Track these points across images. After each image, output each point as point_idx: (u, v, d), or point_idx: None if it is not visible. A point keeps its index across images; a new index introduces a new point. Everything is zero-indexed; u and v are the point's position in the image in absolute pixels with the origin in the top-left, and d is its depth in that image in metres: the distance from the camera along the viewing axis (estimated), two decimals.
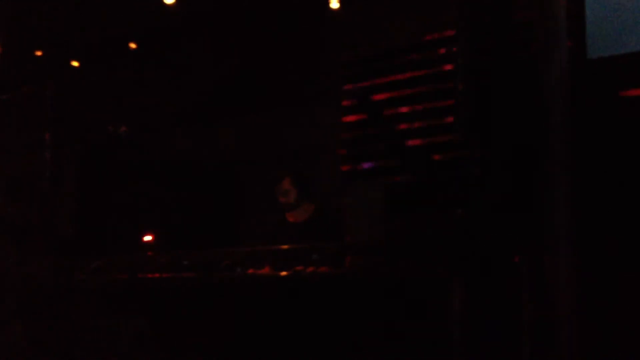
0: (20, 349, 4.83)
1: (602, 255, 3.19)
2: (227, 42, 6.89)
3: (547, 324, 3.10)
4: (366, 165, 6.13)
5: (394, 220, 4.00)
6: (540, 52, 3.48)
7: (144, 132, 7.35)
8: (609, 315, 3.13)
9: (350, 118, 6.41)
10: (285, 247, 4.42)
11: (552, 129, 3.25)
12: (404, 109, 5.89)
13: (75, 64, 7.02)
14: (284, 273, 4.09)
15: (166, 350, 4.19)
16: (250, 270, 4.44)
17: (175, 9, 6.23)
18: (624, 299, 3.11)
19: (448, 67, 5.49)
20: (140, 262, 4.74)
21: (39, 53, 6.89)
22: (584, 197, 3.19)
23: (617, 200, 3.23)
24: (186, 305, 4.15)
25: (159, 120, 7.37)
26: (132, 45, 7.02)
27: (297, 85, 6.77)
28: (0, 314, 4.97)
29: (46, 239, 6.29)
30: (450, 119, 5.32)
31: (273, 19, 6.54)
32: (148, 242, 6.46)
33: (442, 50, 5.70)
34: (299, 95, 6.78)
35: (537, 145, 3.31)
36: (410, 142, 5.60)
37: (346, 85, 6.46)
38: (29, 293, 5.01)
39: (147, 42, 7.01)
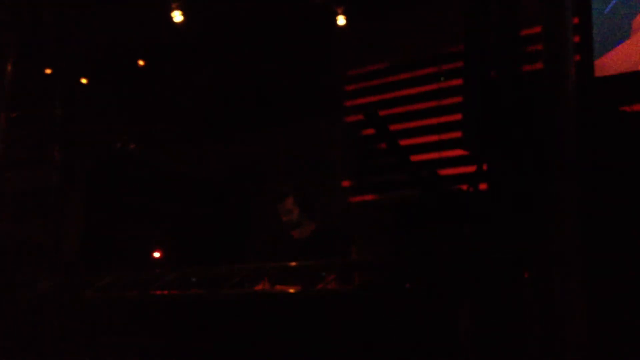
0: None
1: (611, 269, 3.18)
2: (234, 58, 6.92)
3: (558, 340, 3.08)
4: (373, 180, 6.15)
5: (402, 236, 4.00)
6: (547, 68, 3.48)
7: (152, 148, 7.38)
8: (619, 329, 3.12)
9: (357, 133, 6.43)
10: (293, 264, 4.42)
11: (560, 145, 3.25)
12: (411, 124, 5.91)
13: (83, 81, 7.06)
14: (292, 290, 4.08)
15: None
16: (259, 287, 4.44)
17: (183, 26, 6.27)
18: (635, 313, 3.10)
19: (455, 82, 5.52)
20: (149, 279, 4.74)
21: (48, 71, 6.93)
22: (592, 212, 3.19)
23: (625, 214, 3.22)
24: (195, 323, 4.15)
25: (166, 137, 7.40)
26: (140, 62, 7.05)
27: (304, 100, 6.79)
28: (8, 331, 4.97)
29: (54, 256, 6.30)
30: (457, 134, 5.34)
31: (279, 35, 6.57)
32: (156, 258, 6.47)
33: (450, 65, 5.73)
34: (306, 110, 6.80)
35: (545, 160, 3.30)
36: (418, 157, 5.61)
37: (353, 100, 6.49)
38: (37, 310, 5.01)
39: (155, 59, 7.04)
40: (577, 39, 3.48)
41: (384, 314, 3.47)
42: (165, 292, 4.57)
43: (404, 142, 6.04)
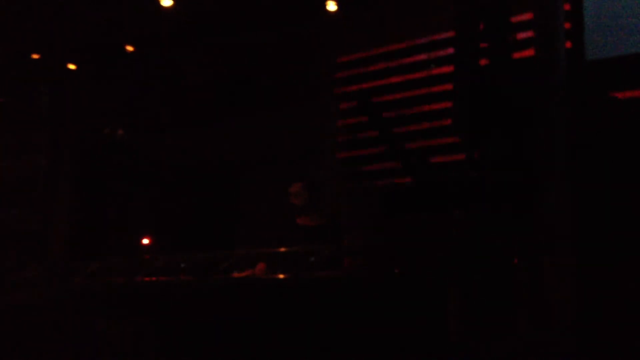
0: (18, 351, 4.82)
1: (600, 255, 3.19)
2: (224, 45, 6.88)
3: (547, 324, 3.10)
4: (364, 167, 6.14)
5: (392, 222, 4.00)
6: (538, 54, 3.48)
7: (140, 135, 7.34)
8: (607, 315, 3.13)
9: (349, 121, 6.41)
10: (283, 249, 4.41)
11: (550, 131, 3.25)
12: (403, 112, 5.90)
13: (71, 67, 7.00)
14: (281, 276, 4.08)
15: (164, 353, 4.17)
16: (247, 273, 4.43)
17: (172, 12, 6.22)
18: (622, 299, 3.11)
19: (446, 69, 5.50)
20: (137, 265, 4.73)
21: (35, 56, 6.86)
22: (582, 198, 3.19)
23: (615, 200, 3.22)
24: (184, 308, 4.14)
25: (155, 123, 7.36)
26: (129, 48, 7.00)
27: (295, 87, 6.76)
28: None
29: (43, 243, 6.27)
30: (448, 121, 5.33)
31: (270, 21, 6.53)
32: (145, 245, 6.45)
33: (441, 52, 5.71)
34: (296, 97, 6.77)
35: (535, 147, 3.30)
36: (409, 145, 5.60)
37: (344, 88, 6.46)
38: (27, 297, 4.99)
39: (143, 45, 6.99)
40: (568, 25, 3.48)
41: (373, 299, 3.48)
42: (154, 278, 4.56)
43: (395, 130, 6.03)
